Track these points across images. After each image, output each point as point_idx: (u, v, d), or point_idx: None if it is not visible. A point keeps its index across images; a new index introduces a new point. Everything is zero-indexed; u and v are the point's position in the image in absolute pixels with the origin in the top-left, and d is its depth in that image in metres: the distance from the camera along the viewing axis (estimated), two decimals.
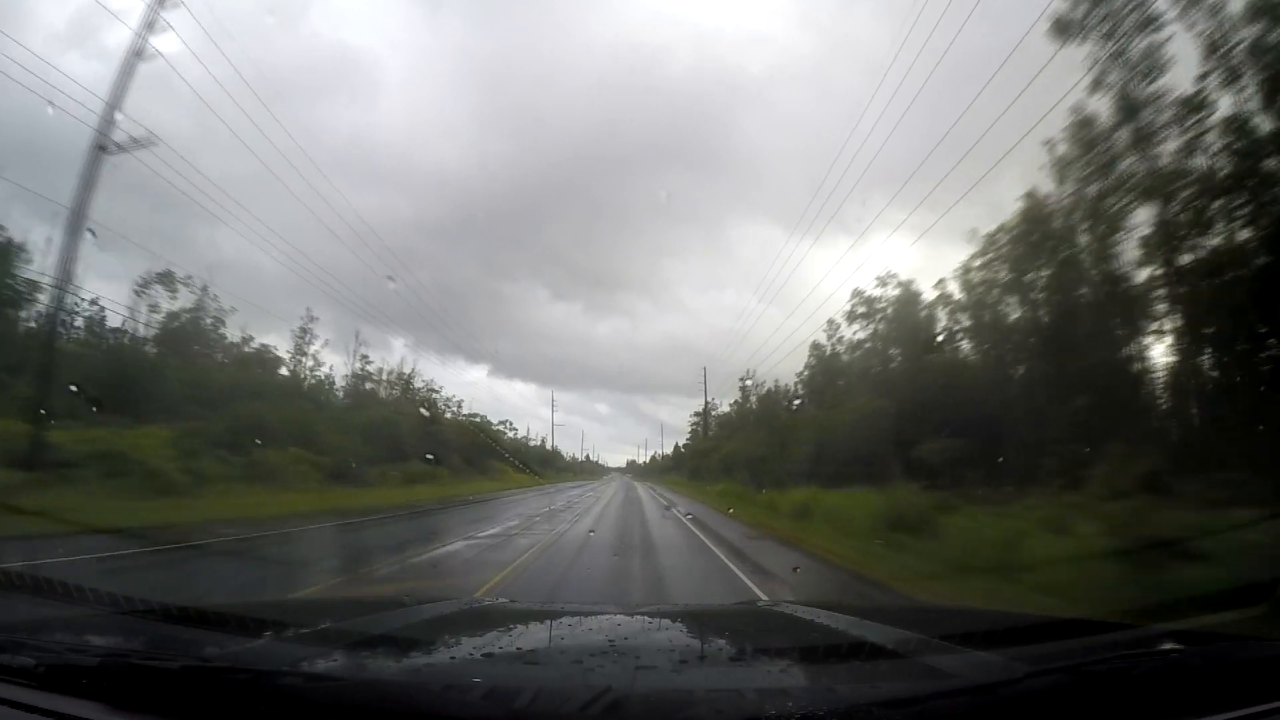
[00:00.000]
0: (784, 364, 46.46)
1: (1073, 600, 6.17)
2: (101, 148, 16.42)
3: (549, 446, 75.88)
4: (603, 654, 1.79)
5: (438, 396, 47.71)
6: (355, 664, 1.63)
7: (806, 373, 32.97)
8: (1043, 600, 6.40)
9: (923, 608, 5.75)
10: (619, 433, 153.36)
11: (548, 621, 2.48)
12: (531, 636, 2.20)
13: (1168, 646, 1.61)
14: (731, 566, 10.33)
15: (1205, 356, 12.99)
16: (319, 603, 4.48)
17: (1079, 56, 13.68)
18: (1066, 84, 14.11)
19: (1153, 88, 12.67)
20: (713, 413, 56.85)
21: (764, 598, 6.99)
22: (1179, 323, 13.02)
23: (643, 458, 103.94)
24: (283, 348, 35.95)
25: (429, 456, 31.31)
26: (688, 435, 65.40)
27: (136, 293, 27.10)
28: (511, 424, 68.42)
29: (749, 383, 47.16)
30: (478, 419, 55.16)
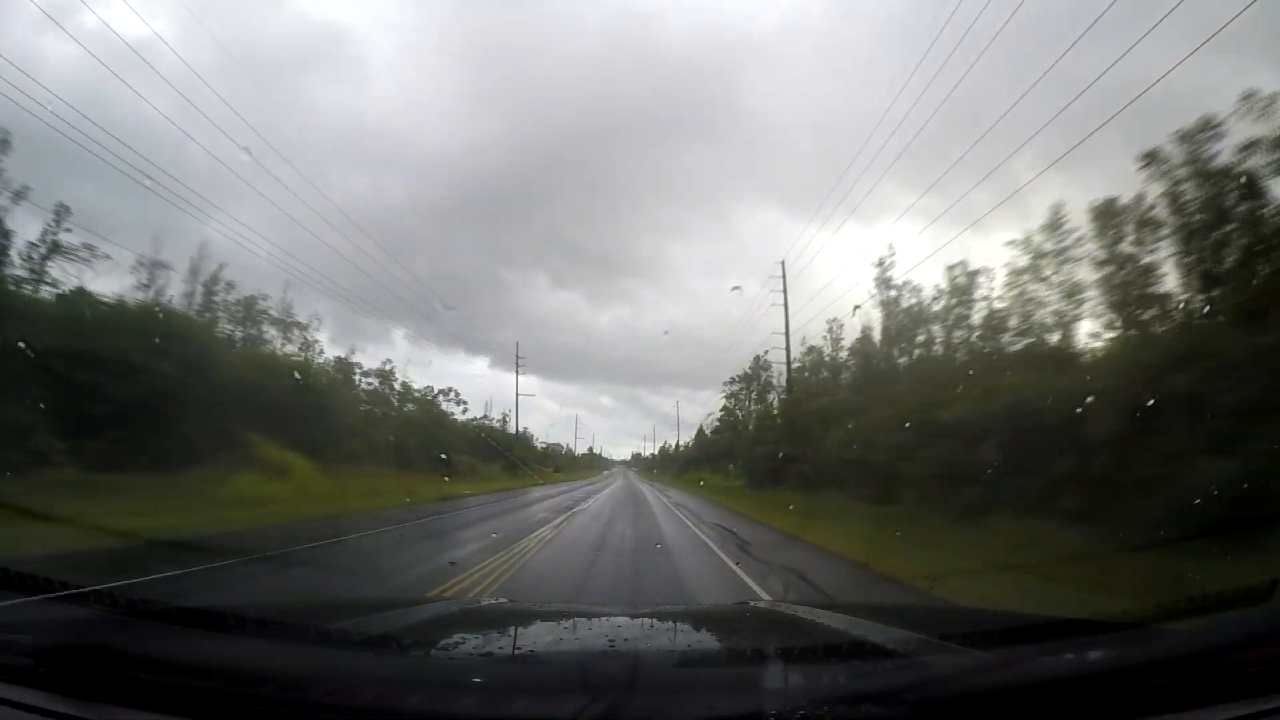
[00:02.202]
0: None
1: None
2: None
3: (533, 435, 60.18)
4: (602, 654, 1.80)
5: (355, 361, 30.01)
6: (355, 664, 1.63)
7: None
8: None
9: (922, 608, 5.74)
10: (624, 425, 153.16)
11: (548, 622, 2.49)
12: (531, 636, 2.20)
13: (1167, 646, 1.61)
14: None
15: None
16: (320, 603, 4.49)
17: None
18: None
19: None
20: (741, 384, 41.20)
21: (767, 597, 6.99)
22: None
23: (649, 449, 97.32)
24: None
25: None
26: (719, 411, 47.69)
27: None
28: (459, 396, 43.98)
29: (891, 269, 23.34)
30: (411, 389, 35.48)
